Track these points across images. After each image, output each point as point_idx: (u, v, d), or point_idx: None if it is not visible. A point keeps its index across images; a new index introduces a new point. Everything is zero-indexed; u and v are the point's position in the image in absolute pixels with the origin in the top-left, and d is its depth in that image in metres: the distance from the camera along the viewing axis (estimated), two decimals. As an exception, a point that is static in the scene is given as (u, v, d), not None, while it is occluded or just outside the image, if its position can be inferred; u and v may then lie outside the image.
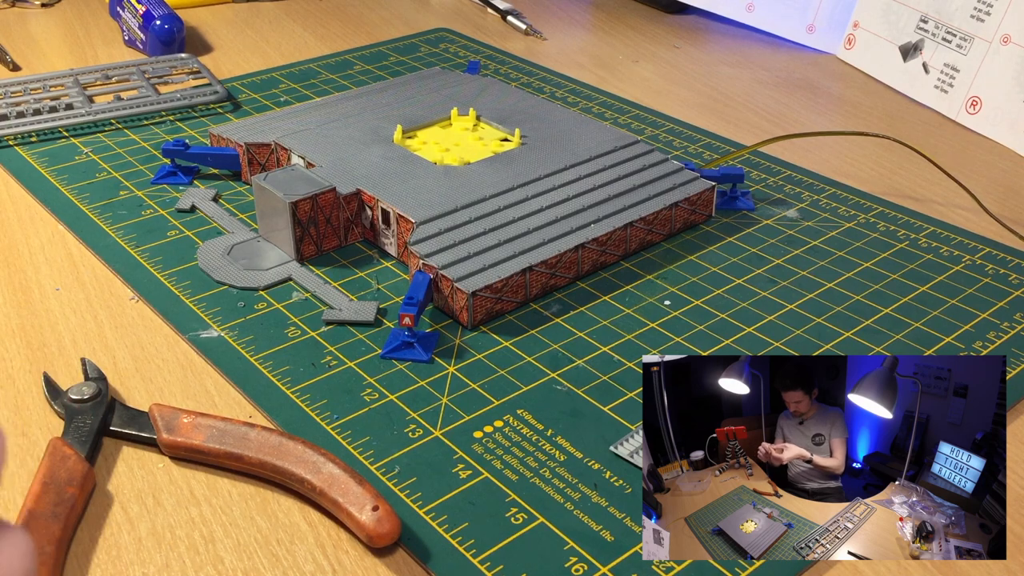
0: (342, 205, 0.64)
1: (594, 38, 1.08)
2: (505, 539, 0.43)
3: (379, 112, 0.75)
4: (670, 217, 0.66)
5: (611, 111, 0.87)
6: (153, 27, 0.96)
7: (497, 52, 1.01)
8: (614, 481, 0.47)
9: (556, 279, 0.61)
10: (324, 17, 1.12)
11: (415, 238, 0.60)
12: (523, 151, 0.70)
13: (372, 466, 0.47)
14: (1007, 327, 0.58)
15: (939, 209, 0.73)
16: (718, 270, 0.64)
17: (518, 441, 0.49)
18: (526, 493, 0.46)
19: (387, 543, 0.42)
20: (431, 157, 0.69)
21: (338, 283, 0.62)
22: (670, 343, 0.57)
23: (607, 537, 0.43)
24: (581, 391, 0.53)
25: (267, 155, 0.72)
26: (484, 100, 0.78)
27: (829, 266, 0.64)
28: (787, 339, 0.57)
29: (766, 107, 0.91)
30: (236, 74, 0.95)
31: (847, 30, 1.00)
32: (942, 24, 0.90)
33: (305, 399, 0.52)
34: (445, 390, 0.52)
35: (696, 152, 0.80)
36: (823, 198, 0.73)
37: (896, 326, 0.58)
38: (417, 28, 1.08)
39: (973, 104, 0.86)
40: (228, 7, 1.14)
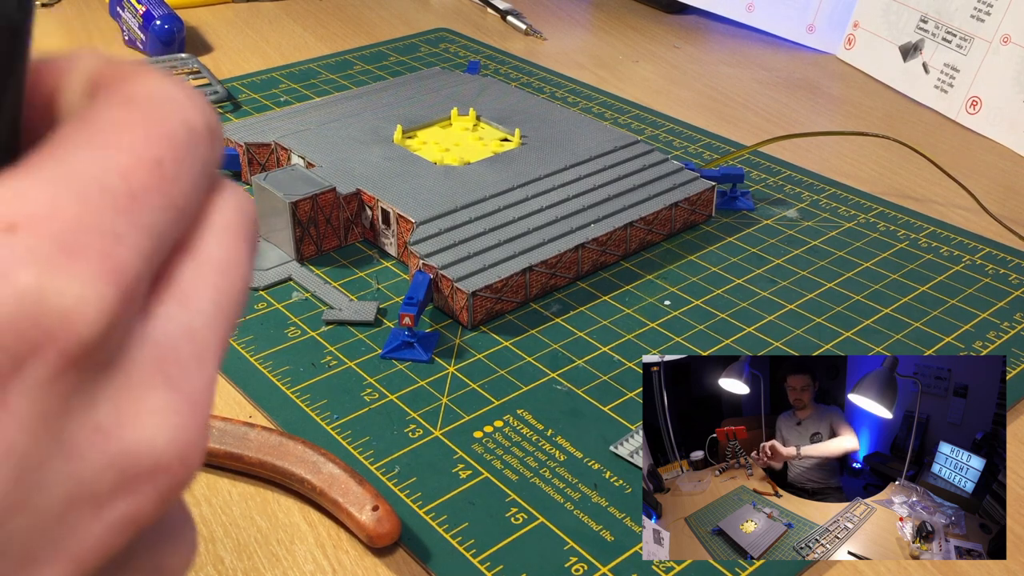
0: (342, 205, 0.64)
1: (594, 38, 1.08)
2: (505, 539, 0.43)
3: (379, 112, 0.75)
4: (670, 217, 0.66)
5: (611, 111, 0.87)
6: (153, 27, 0.96)
7: (497, 52, 1.01)
8: (614, 481, 0.47)
9: (556, 279, 0.61)
10: (324, 17, 1.12)
11: (415, 238, 0.60)
12: (523, 151, 0.70)
13: (372, 466, 0.47)
14: (1007, 327, 0.58)
15: (939, 209, 0.73)
16: (718, 270, 0.64)
17: (518, 441, 0.49)
18: (526, 493, 0.46)
19: (387, 543, 0.42)
20: (431, 157, 0.69)
21: (338, 283, 0.62)
22: (670, 343, 0.57)
23: (607, 537, 0.43)
24: (581, 391, 0.53)
25: (267, 155, 0.72)
26: (484, 100, 0.78)
27: (829, 266, 0.64)
28: (787, 339, 0.57)
29: (766, 107, 0.91)
30: (236, 74, 0.95)
31: (847, 30, 1.00)
32: (942, 24, 0.90)
33: (305, 399, 0.52)
34: (445, 390, 0.52)
35: (696, 152, 0.80)
36: (823, 198, 0.73)
37: (896, 326, 0.58)
38: (417, 28, 1.08)
39: (973, 104, 0.86)
40: (228, 7, 1.14)
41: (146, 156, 0.16)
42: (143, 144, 0.16)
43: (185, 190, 0.17)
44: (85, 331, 0.15)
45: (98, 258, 0.15)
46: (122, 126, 0.16)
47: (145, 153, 0.16)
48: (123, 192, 0.16)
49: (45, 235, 0.15)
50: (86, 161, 0.16)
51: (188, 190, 0.17)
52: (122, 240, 0.15)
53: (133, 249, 0.16)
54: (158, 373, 0.16)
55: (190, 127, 0.17)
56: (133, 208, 0.16)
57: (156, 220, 0.16)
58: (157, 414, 0.16)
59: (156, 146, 0.17)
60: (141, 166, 0.16)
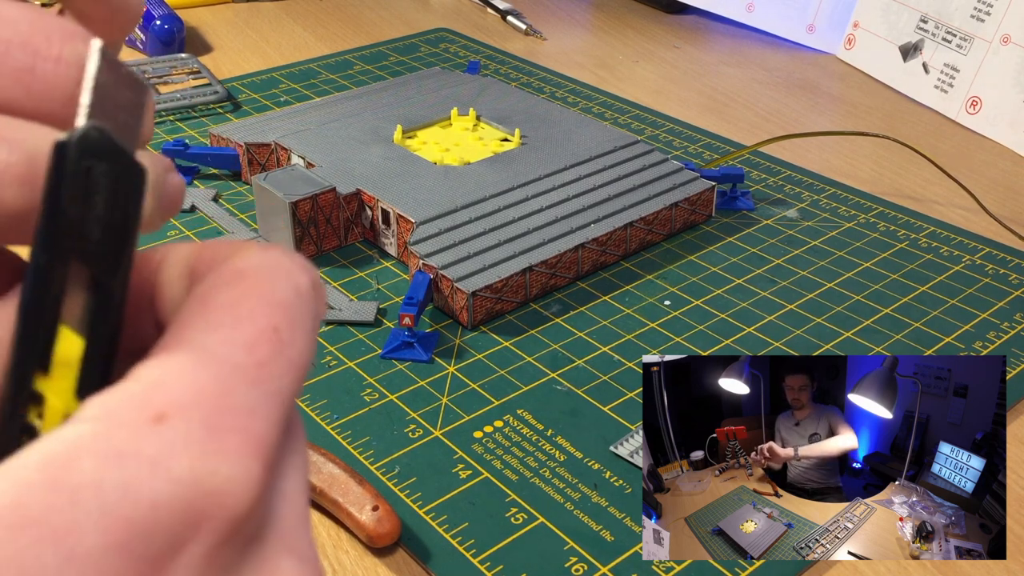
0: (342, 205, 0.64)
1: (594, 38, 1.08)
2: (505, 539, 0.43)
3: (379, 112, 0.75)
4: (670, 217, 0.66)
5: (611, 111, 0.87)
6: (153, 27, 0.96)
7: (497, 52, 1.01)
8: (614, 481, 0.47)
9: (556, 279, 0.61)
10: (324, 17, 1.12)
11: (415, 238, 0.60)
12: (523, 151, 0.70)
13: (372, 466, 0.47)
14: (1007, 327, 0.58)
15: (939, 209, 0.73)
16: (718, 270, 0.64)
17: (518, 441, 0.49)
18: (526, 493, 0.46)
19: (387, 543, 0.42)
20: (431, 157, 0.69)
21: (338, 283, 0.62)
22: (670, 343, 0.57)
23: (607, 537, 0.43)
24: (581, 391, 0.53)
25: (267, 155, 0.72)
26: (484, 100, 0.78)
27: (829, 266, 0.64)
28: (787, 339, 0.57)
29: (766, 107, 0.91)
30: (236, 74, 0.95)
31: (847, 30, 1.00)
32: (942, 24, 0.90)
33: (305, 399, 0.52)
34: (445, 390, 0.52)
35: (696, 152, 0.80)
36: (823, 198, 0.73)
37: (896, 326, 0.58)
38: (417, 28, 1.08)
39: (973, 104, 0.86)
40: (228, 7, 1.14)
41: (264, 326, 0.17)
42: (261, 315, 0.17)
43: (302, 350, 0.18)
44: (237, 508, 0.15)
45: (242, 435, 0.16)
46: (238, 301, 0.17)
47: (264, 323, 0.17)
48: (251, 365, 0.17)
49: (193, 421, 0.15)
50: (214, 342, 0.16)
51: (305, 350, 0.18)
52: (257, 413, 0.16)
53: (268, 420, 0.16)
54: (282, 542, 0.17)
55: (299, 291, 0.18)
56: (262, 378, 0.17)
57: (282, 386, 0.17)
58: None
59: (272, 315, 0.17)
60: (263, 337, 0.17)
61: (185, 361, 0.16)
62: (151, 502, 0.14)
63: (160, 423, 0.15)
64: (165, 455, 0.15)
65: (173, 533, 0.15)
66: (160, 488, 0.15)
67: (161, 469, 0.15)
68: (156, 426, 0.15)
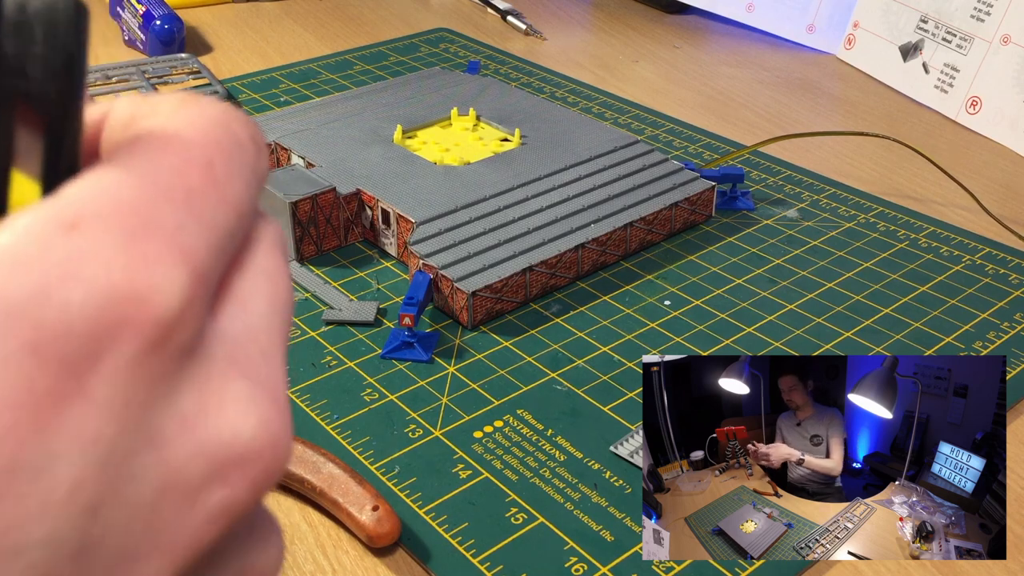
0: (342, 205, 0.64)
1: (594, 38, 1.08)
2: (505, 539, 0.43)
3: (379, 112, 0.75)
4: (670, 217, 0.66)
5: (611, 111, 0.87)
6: (153, 27, 0.96)
7: (497, 52, 1.01)
8: (614, 481, 0.47)
9: (556, 279, 0.61)
10: (324, 17, 1.12)
11: (415, 238, 0.60)
12: (523, 151, 0.70)
13: (372, 466, 0.47)
14: (1007, 327, 0.58)
15: (939, 209, 0.73)
16: (718, 270, 0.64)
17: (518, 441, 0.49)
18: (526, 493, 0.46)
19: (387, 543, 0.42)
20: (431, 157, 0.69)
21: (338, 283, 0.62)
22: (670, 343, 0.57)
23: (607, 537, 0.43)
24: (581, 391, 0.53)
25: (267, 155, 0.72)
26: (484, 100, 0.78)
27: (829, 266, 0.64)
28: (787, 339, 0.57)
29: (766, 107, 0.91)
30: (236, 74, 0.95)
31: (847, 30, 1.00)
32: (942, 24, 0.90)
33: (305, 399, 0.52)
34: (445, 390, 0.52)
35: (696, 152, 0.80)
36: (823, 198, 0.73)
37: (896, 326, 0.58)
38: (417, 28, 1.08)
39: (973, 104, 0.86)
40: (228, 7, 1.14)
41: (197, 158, 0.17)
42: (195, 147, 0.17)
43: (238, 192, 0.17)
44: (161, 312, 0.15)
45: (165, 244, 0.15)
46: (169, 136, 0.17)
47: (197, 155, 0.17)
48: (180, 188, 0.16)
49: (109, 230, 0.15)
50: (140, 163, 0.16)
51: (241, 193, 0.17)
52: (185, 229, 0.16)
53: (197, 238, 0.16)
54: (233, 366, 0.16)
55: (235, 136, 0.18)
56: (191, 203, 0.16)
57: (214, 217, 0.16)
58: (240, 403, 0.16)
59: (205, 149, 0.17)
60: (193, 166, 0.17)
61: (107, 178, 0.15)
62: (61, 303, 0.14)
63: (72, 230, 0.15)
64: (74, 259, 0.14)
65: (89, 337, 0.14)
66: (71, 289, 0.14)
67: (70, 272, 0.14)
68: (68, 232, 0.15)
